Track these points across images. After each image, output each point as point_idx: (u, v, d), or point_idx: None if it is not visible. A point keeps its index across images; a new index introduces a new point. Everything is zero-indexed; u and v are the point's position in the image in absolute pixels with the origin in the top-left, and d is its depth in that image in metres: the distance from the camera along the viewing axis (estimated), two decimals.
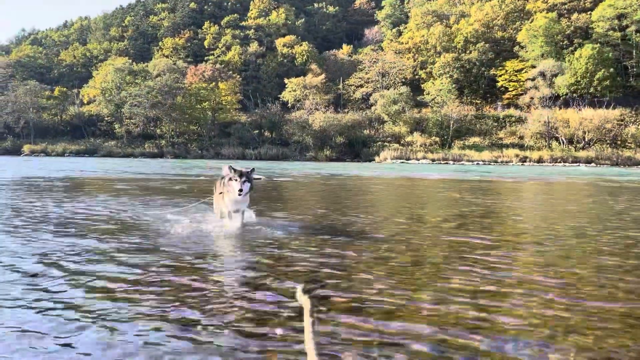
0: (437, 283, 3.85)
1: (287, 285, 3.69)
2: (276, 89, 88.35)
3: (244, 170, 5.70)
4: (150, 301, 3.29)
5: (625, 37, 73.52)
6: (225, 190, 5.87)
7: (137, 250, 4.92)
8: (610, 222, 7.78)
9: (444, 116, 70.45)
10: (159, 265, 4.31)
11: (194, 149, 74.12)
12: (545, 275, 4.15)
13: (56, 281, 3.73)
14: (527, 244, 5.79)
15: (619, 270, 4.41)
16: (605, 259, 4.87)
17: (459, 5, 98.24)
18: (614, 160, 58.61)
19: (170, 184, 15.83)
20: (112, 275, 3.93)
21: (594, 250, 5.36)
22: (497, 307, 3.26)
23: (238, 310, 3.10)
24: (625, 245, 5.68)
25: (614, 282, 3.98)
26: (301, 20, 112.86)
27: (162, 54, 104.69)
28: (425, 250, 5.16)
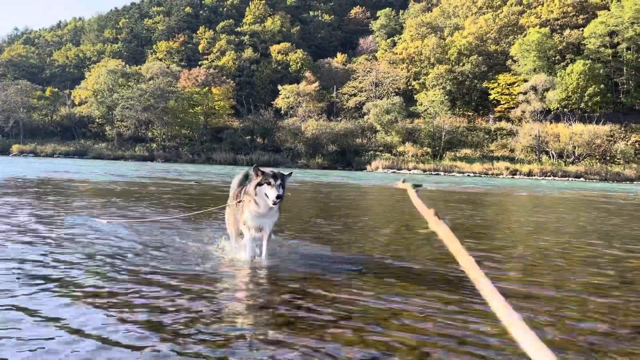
0: (424, 293, 3.78)
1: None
2: (269, 95, 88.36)
3: (277, 171, 4.46)
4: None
5: (616, 54, 74.43)
6: (247, 200, 4.49)
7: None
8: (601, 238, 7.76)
9: (436, 127, 70.73)
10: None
11: (185, 153, 73.74)
12: (530, 290, 4.10)
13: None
14: (514, 257, 5.73)
15: (604, 286, 4.36)
16: (590, 272, 4.82)
17: (453, 18, 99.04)
18: (603, 176, 59.10)
19: (127, 186, 15.66)
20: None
21: (580, 264, 5.31)
22: (482, 321, 3.20)
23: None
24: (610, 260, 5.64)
25: (596, 299, 3.92)
26: (296, 28, 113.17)
27: (155, 57, 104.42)
28: (413, 260, 5.08)
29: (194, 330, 2.83)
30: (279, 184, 4.24)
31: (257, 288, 3.91)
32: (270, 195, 4.19)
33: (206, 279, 4.03)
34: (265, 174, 4.31)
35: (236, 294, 3.71)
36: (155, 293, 3.54)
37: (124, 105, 75.79)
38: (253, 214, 4.42)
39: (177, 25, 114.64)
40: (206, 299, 3.47)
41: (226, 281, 4.05)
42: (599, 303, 3.78)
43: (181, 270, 4.24)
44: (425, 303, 3.55)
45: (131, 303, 3.30)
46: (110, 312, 3.10)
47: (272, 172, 4.33)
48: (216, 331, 2.84)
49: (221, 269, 4.40)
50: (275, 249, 5.20)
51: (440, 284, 4.14)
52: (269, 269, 4.48)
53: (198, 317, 3.07)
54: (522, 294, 3.94)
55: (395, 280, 4.22)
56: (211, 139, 78.05)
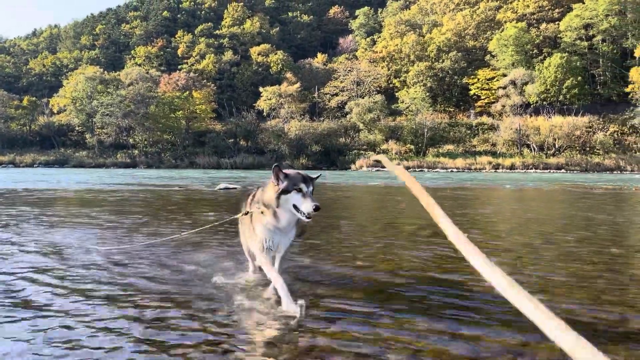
0: (412, 292, 3.74)
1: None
2: (251, 97, 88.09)
3: (305, 174, 3.34)
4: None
5: (592, 47, 75.62)
6: (256, 211, 3.48)
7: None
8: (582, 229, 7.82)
9: (418, 124, 71.18)
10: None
11: (168, 159, 73.13)
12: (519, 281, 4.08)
13: None
14: (501, 250, 5.74)
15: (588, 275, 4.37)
16: (576, 265, 4.83)
17: (432, 14, 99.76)
18: (583, 167, 60.05)
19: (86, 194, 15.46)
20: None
21: (564, 256, 5.33)
22: (470, 317, 3.18)
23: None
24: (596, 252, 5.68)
25: (583, 287, 3.93)
26: (276, 29, 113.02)
27: (134, 63, 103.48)
28: (402, 260, 5.05)
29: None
30: (311, 191, 3.22)
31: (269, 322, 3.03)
32: (304, 207, 3.11)
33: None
34: (291, 178, 3.24)
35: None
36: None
37: (103, 112, 75.01)
38: (270, 230, 3.38)
39: (155, 30, 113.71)
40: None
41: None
42: (584, 290, 3.78)
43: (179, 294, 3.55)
44: (412, 298, 3.51)
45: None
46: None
47: (301, 175, 3.26)
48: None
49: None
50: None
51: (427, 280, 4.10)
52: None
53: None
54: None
55: (382, 279, 4.17)
56: (194, 144, 77.56)
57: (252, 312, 3.20)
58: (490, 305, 3.37)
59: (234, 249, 5.12)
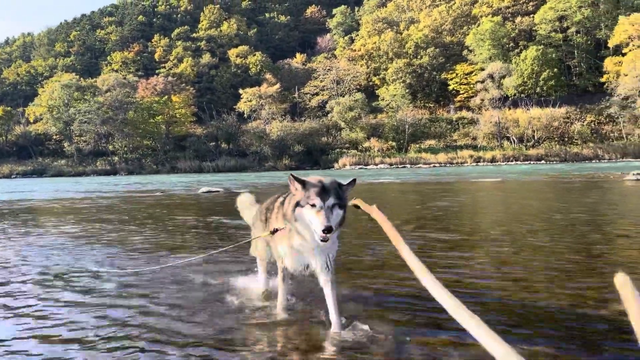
0: (398, 285, 3.70)
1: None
2: (231, 99, 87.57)
3: (329, 182, 2.75)
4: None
5: (566, 38, 76.77)
6: (275, 221, 3.05)
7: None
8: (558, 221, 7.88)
9: (399, 121, 71.48)
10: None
11: (149, 164, 72.34)
12: (502, 273, 4.09)
13: None
14: (483, 241, 5.74)
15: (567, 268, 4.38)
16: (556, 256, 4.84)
17: (408, 11, 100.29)
18: (563, 157, 60.95)
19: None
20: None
21: (545, 247, 5.35)
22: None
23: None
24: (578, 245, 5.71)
25: (561, 282, 3.93)
26: (253, 31, 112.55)
27: (111, 69, 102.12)
28: (386, 254, 5.01)
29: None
30: (330, 206, 2.62)
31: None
32: (316, 225, 2.57)
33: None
34: (307, 186, 2.69)
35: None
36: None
37: (81, 120, 74.05)
38: (296, 248, 2.86)
39: (131, 35, 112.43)
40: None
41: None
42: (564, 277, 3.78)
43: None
44: (398, 292, 3.45)
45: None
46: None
47: (320, 184, 2.68)
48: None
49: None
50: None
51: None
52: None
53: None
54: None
55: (368, 273, 4.10)
56: (174, 148, 76.86)
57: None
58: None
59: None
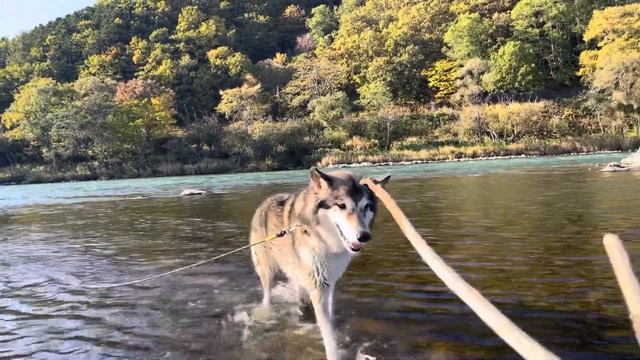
0: (380, 280, 3.69)
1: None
2: (212, 101, 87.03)
3: (357, 178, 2.34)
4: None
5: (543, 33, 77.87)
6: (299, 230, 2.52)
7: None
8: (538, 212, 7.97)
9: (381, 119, 71.77)
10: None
11: (130, 168, 71.56)
12: (482, 266, 4.12)
13: None
14: (464, 236, 5.77)
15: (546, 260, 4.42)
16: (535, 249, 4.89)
17: (387, 9, 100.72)
18: (542, 150, 61.80)
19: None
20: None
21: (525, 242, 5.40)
22: (436, 298, 3.20)
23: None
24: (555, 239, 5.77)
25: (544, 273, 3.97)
26: (232, 31, 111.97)
27: (88, 72, 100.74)
28: (370, 251, 4.99)
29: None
30: (363, 207, 2.23)
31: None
32: (348, 231, 2.12)
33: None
34: (335, 185, 2.26)
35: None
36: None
37: (59, 125, 72.96)
38: (321, 256, 2.45)
39: (108, 38, 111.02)
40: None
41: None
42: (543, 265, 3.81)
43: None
44: (380, 287, 3.44)
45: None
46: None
47: (351, 181, 2.27)
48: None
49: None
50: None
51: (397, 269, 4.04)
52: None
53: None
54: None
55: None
56: (155, 151, 76.16)
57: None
58: None
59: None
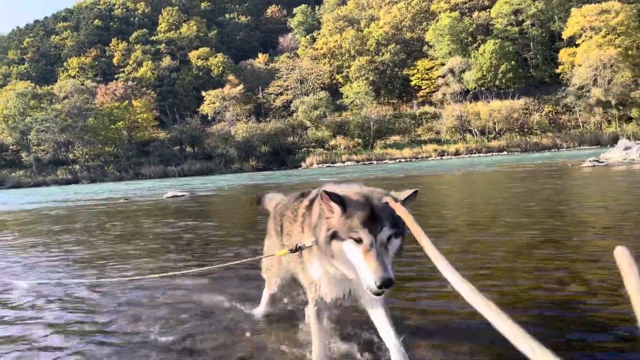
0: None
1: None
2: (194, 102, 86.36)
3: (378, 198, 1.96)
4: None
5: (522, 31, 78.79)
6: (297, 232, 2.36)
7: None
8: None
9: (364, 118, 72.01)
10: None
11: (112, 171, 70.81)
12: (464, 262, 4.18)
13: None
14: (448, 232, 5.84)
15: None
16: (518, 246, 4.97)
17: (368, 9, 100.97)
18: (523, 147, 62.55)
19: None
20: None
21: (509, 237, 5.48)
22: (419, 296, 3.24)
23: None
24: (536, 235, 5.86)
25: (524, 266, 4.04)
26: (214, 32, 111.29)
27: (68, 75, 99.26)
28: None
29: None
30: (385, 240, 1.86)
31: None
32: (365, 274, 1.80)
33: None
34: (348, 209, 1.90)
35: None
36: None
37: (39, 129, 71.90)
38: (333, 276, 2.13)
39: (88, 40, 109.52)
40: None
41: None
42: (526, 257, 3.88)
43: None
44: None
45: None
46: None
47: (367, 205, 1.90)
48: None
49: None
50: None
51: None
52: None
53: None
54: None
55: None
56: (138, 154, 75.44)
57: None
58: None
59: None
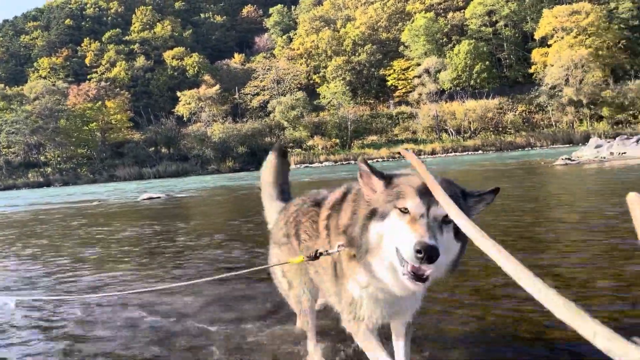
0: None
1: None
2: (169, 103, 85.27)
3: (441, 180, 1.70)
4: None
5: (496, 32, 79.93)
6: (345, 256, 1.89)
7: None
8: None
9: (341, 118, 72.11)
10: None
11: (85, 174, 69.47)
12: None
13: None
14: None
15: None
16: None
17: (344, 9, 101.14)
18: (498, 146, 63.44)
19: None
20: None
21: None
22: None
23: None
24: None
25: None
26: (189, 32, 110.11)
27: (38, 76, 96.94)
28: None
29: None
30: (440, 218, 1.59)
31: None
32: (403, 243, 1.53)
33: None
34: (394, 181, 1.70)
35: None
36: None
37: (8, 131, 70.39)
38: (377, 298, 1.83)
39: (59, 40, 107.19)
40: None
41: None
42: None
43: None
44: None
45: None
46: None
47: (417, 181, 1.65)
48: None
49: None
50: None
51: None
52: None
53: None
54: None
55: None
56: (112, 155, 74.17)
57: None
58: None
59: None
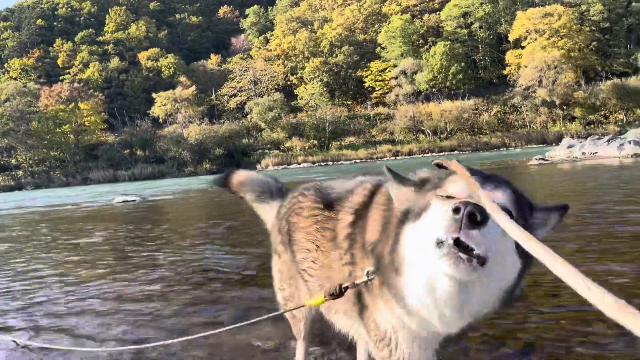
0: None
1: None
2: (144, 104, 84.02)
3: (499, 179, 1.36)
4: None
5: (471, 34, 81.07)
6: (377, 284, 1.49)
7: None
8: None
9: (319, 119, 72.13)
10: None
11: (58, 177, 68.01)
12: None
13: None
14: None
15: None
16: None
17: (321, 10, 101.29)
18: (474, 147, 64.32)
19: None
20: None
21: None
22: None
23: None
24: None
25: None
26: (164, 32, 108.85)
27: (9, 77, 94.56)
28: None
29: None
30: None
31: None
32: (439, 224, 1.16)
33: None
34: (432, 180, 1.43)
35: None
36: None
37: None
38: (410, 328, 1.48)
39: (30, 40, 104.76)
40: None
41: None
42: None
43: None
44: None
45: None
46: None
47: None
48: None
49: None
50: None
51: None
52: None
53: None
54: None
55: None
56: (85, 158, 72.83)
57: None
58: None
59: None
